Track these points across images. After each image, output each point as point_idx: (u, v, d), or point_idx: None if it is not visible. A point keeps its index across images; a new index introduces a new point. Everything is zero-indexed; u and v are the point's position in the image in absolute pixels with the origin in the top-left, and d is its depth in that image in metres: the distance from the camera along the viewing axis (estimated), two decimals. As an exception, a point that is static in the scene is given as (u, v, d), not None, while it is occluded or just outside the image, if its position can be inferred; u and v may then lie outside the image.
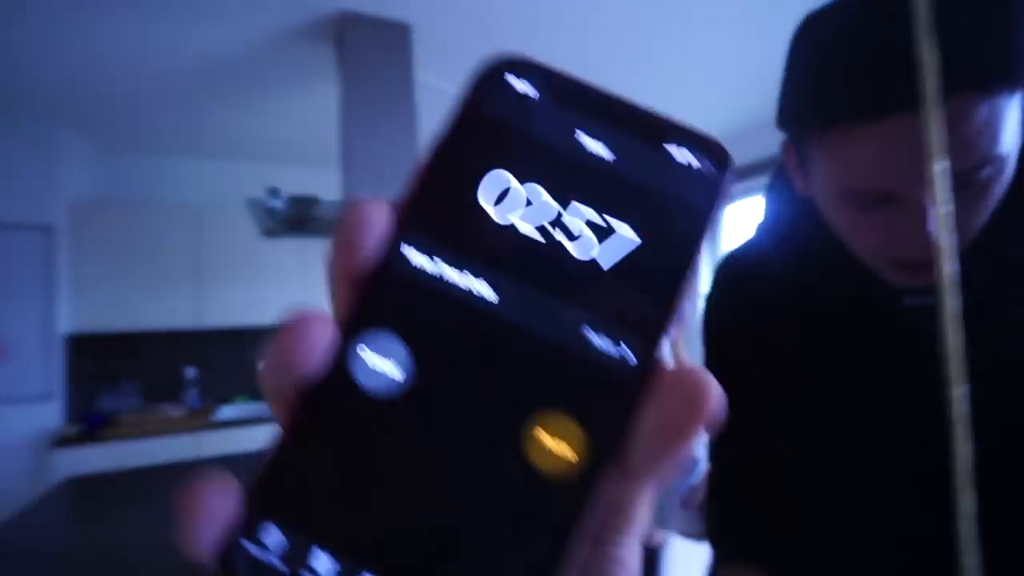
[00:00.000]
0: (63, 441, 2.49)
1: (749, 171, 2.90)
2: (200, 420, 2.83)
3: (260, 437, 2.83)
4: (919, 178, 0.31)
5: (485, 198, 0.11)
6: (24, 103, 2.48)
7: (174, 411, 2.99)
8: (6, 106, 2.50)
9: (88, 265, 2.78)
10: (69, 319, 2.74)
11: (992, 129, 0.32)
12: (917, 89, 0.29)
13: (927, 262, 0.34)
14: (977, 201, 0.36)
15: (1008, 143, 0.34)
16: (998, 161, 0.34)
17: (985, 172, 0.34)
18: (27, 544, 1.22)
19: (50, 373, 2.63)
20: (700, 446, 0.84)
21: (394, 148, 1.93)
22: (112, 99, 2.50)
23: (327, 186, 2.19)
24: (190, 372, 3.16)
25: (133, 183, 3.16)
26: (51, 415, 2.63)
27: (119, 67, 2.22)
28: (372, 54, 2.00)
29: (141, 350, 3.10)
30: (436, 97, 2.46)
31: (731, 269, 0.60)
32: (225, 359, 3.34)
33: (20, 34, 1.96)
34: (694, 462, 0.74)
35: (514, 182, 0.11)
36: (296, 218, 1.86)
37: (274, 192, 1.73)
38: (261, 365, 0.12)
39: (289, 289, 3.18)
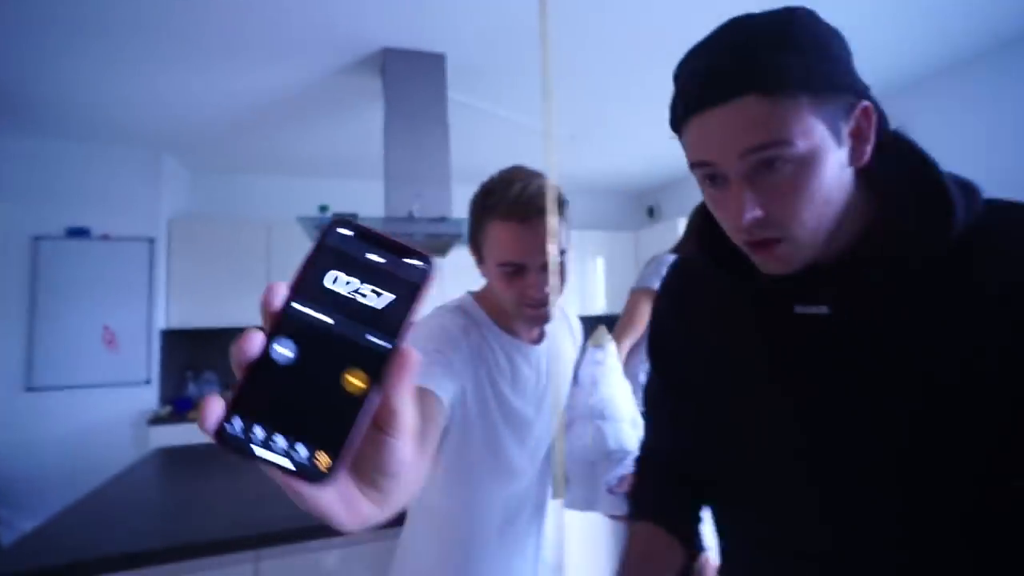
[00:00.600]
0: (156, 420, 2.93)
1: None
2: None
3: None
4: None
5: (327, 281, 0.25)
6: (135, 135, 2.98)
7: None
8: (122, 137, 3.00)
9: (182, 271, 3.24)
10: (165, 316, 3.21)
11: (774, 119, 0.40)
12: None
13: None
14: (786, 185, 0.42)
15: (801, 140, 0.41)
16: (789, 148, 0.41)
17: (778, 152, 0.41)
18: (123, 496, 1.52)
19: (150, 362, 3.10)
20: (632, 440, 0.92)
21: (430, 159, 2.15)
22: (201, 129, 2.94)
23: (375, 196, 2.45)
24: (262, 365, 3.57)
25: (218, 200, 3.65)
26: (149, 398, 3.10)
27: (208, 104, 2.63)
28: (411, 81, 2.23)
29: (222, 345, 3.55)
30: (465, 111, 2.68)
31: (672, 272, 0.67)
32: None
33: (131, 77, 2.39)
34: (624, 454, 0.85)
35: (341, 275, 0.24)
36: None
37: (323, 208, 1.99)
38: (232, 351, 0.23)
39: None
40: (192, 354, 3.48)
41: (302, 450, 0.22)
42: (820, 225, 0.44)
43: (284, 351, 0.23)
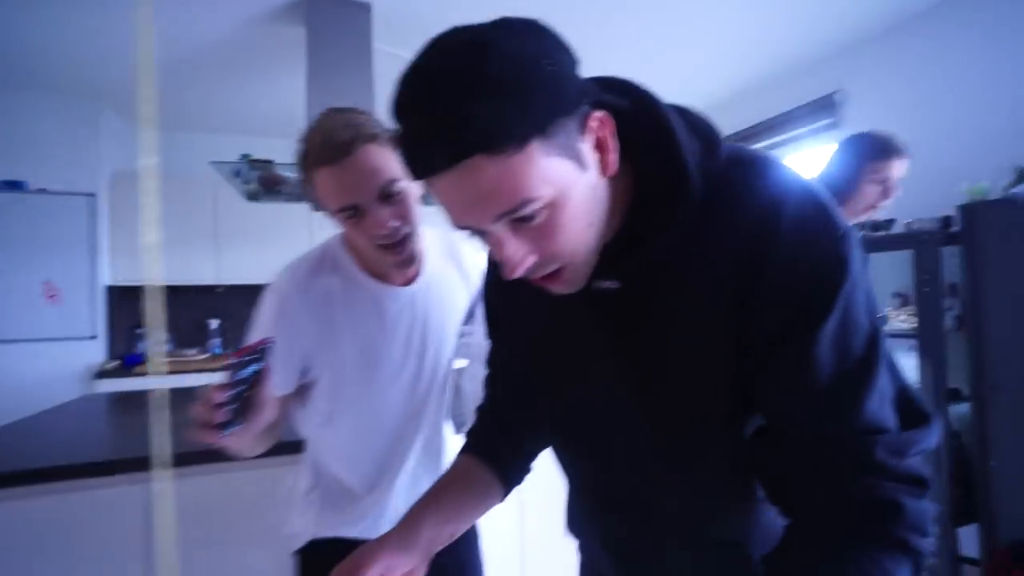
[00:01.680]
0: (103, 373, 2.97)
1: (734, 138, 2.87)
2: (219, 363, 3.24)
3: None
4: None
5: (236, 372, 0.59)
6: (73, 84, 2.90)
7: (198, 356, 3.44)
8: (59, 86, 2.92)
9: (126, 227, 3.22)
10: (110, 273, 3.21)
11: (512, 179, 0.38)
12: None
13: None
14: (546, 228, 0.41)
15: (544, 187, 0.39)
16: (536, 202, 0.39)
17: (528, 210, 0.39)
18: (41, 429, 1.58)
19: (95, 317, 3.11)
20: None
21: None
22: (132, 81, 2.87)
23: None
24: (213, 323, 3.60)
25: (163, 157, 3.58)
26: (96, 352, 3.12)
27: (133, 53, 2.56)
28: (336, 31, 2.19)
29: (172, 303, 3.56)
30: (392, 62, 2.63)
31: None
32: (244, 312, 3.75)
33: (62, 18, 2.32)
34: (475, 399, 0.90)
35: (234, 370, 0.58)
36: (266, 180, 2.12)
37: (244, 157, 1.99)
38: (200, 411, 0.59)
39: (293, 250, 3.52)
40: (142, 311, 3.49)
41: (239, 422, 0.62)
42: (590, 242, 0.45)
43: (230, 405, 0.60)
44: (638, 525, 0.60)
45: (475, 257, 1.01)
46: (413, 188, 0.79)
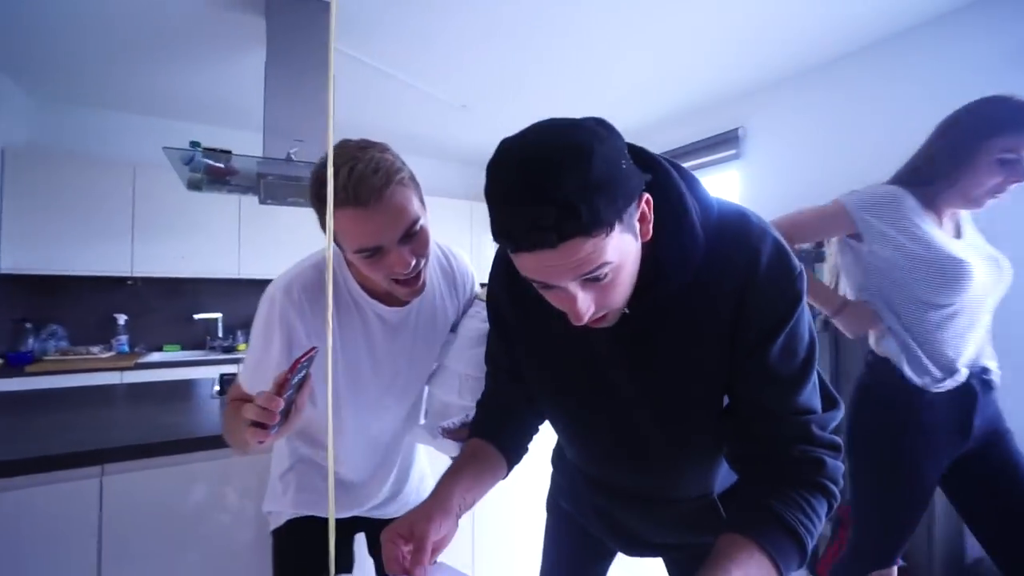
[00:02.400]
0: (-15, 372, 2.61)
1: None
2: (127, 362, 2.98)
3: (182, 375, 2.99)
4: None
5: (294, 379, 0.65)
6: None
7: (101, 353, 3.13)
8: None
9: (18, 209, 2.87)
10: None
11: (598, 252, 0.49)
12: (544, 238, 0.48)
13: None
14: (609, 286, 0.53)
15: (615, 255, 0.51)
16: (609, 265, 0.51)
17: (603, 272, 0.51)
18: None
19: (-24, 308, 2.73)
20: (465, 396, 0.91)
21: (312, 108, 2.14)
22: (50, 50, 2.60)
23: (252, 146, 2.36)
24: (121, 318, 3.29)
25: (70, 135, 3.24)
26: (-25, 348, 2.73)
27: (64, 16, 2.32)
28: (296, 25, 2.20)
29: (72, 295, 3.21)
30: (358, 67, 2.68)
31: (501, 262, 0.78)
32: (159, 309, 3.48)
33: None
34: (444, 406, 0.95)
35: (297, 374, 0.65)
36: (215, 171, 2.06)
37: (194, 144, 1.92)
38: (261, 409, 0.64)
39: (219, 244, 3.35)
40: (34, 302, 3.11)
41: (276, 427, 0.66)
42: (628, 294, 0.58)
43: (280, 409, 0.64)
44: (631, 491, 0.78)
45: (466, 268, 1.05)
46: (426, 217, 0.81)
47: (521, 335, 0.76)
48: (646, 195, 0.54)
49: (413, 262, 0.77)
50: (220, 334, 3.58)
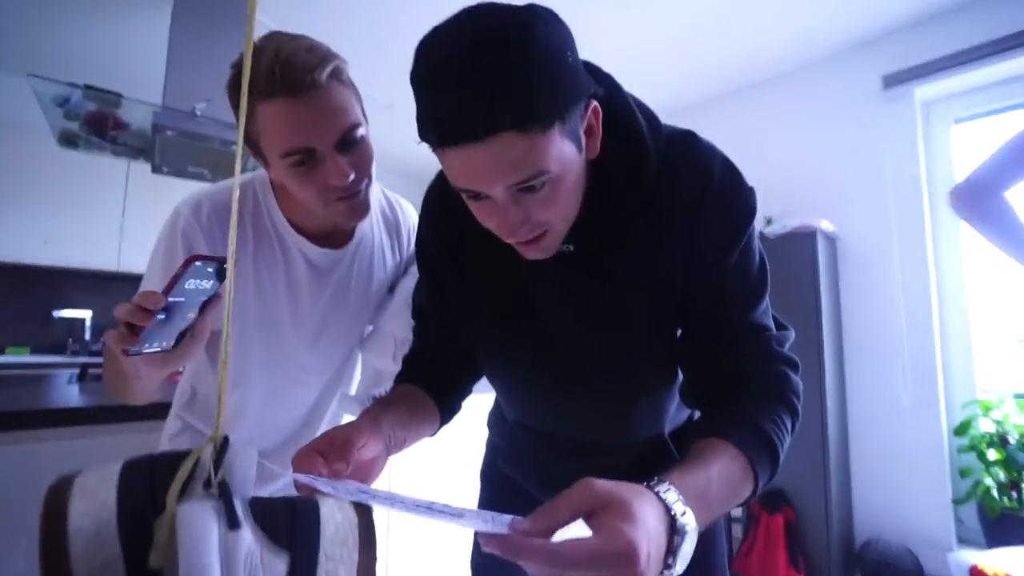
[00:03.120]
0: None
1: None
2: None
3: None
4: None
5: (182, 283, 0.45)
6: None
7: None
8: None
9: None
10: None
11: (533, 154, 0.43)
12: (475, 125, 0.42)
13: None
14: (545, 199, 0.48)
15: (554, 164, 0.45)
16: (546, 176, 0.46)
17: (538, 182, 0.46)
18: None
19: None
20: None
21: (221, 71, 1.96)
22: None
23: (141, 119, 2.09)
24: (-49, 311, 2.71)
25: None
26: None
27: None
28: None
29: None
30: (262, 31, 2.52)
31: (435, 189, 0.71)
32: (9, 303, 2.91)
33: None
34: (377, 374, 0.86)
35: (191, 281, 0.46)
36: (97, 120, 1.79)
37: (73, 85, 1.66)
38: (132, 310, 0.45)
39: (96, 226, 2.91)
40: None
41: (163, 343, 0.50)
42: (571, 213, 0.53)
43: (160, 316, 0.46)
44: (578, 440, 0.72)
45: (412, 220, 0.93)
46: (369, 134, 0.71)
47: (452, 276, 0.69)
48: (594, 104, 0.49)
49: (352, 175, 0.65)
50: (87, 336, 3.06)
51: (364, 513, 0.37)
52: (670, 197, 0.56)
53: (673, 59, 2.72)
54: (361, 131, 0.67)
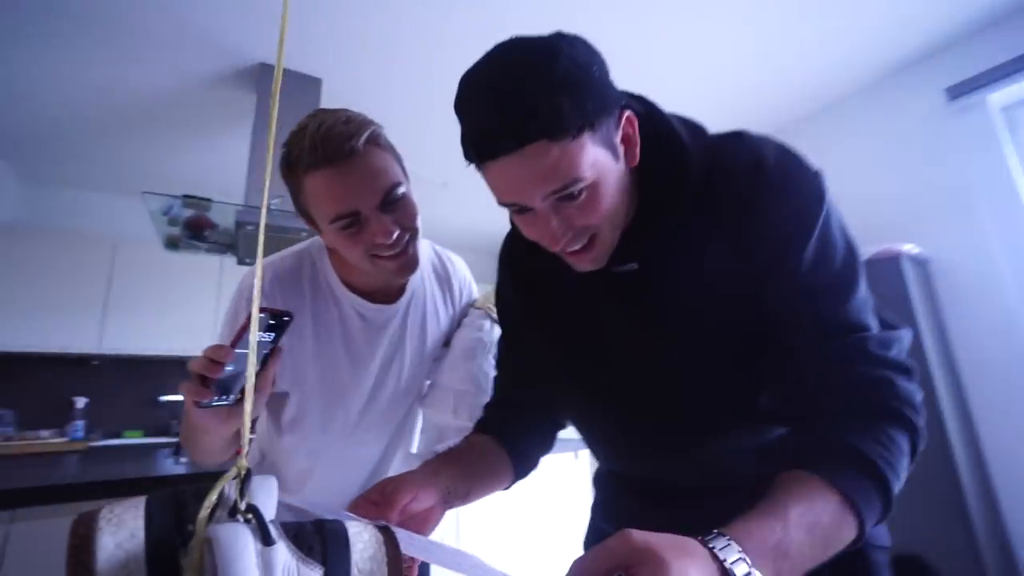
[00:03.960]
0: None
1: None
2: (79, 447, 2.73)
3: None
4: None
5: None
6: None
7: (52, 438, 2.87)
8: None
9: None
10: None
11: (567, 160, 0.45)
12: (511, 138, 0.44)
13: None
14: (585, 206, 0.49)
15: (589, 171, 0.46)
16: (582, 183, 0.47)
17: (575, 188, 0.47)
18: None
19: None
20: (462, 415, 0.81)
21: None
22: (42, 134, 2.74)
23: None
24: (80, 402, 3.07)
25: (56, 213, 3.29)
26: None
27: (48, 103, 2.48)
28: (286, 101, 2.35)
29: (28, 375, 3.02)
30: None
31: (507, 241, 0.72)
32: (122, 391, 3.28)
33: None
34: (439, 430, 0.85)
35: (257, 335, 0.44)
36: (194, 223, 2.06)
37: (174, 196, 1.94)
38: (202, 363, 0.51)
39: (195, 320, 3.26)
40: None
41: (231, 397, 0.53)
42: (615, 223, 0.53)
43: (228, 368, 0.51)
44: (673, 484, 0.65)
45: (463, 274, 0.95)
46: (411, 190, 0.74)
47: (527, 318, 0.69)
48: (628, 113, 0.51)
49: (397, 232, 0.68)
50: (186, 418, 3.34)
51: (387, 533, 0.37)
52: (722, 198, 0.52)
53: (726, 95, 2.71)
54: (402, 189, 0.70)
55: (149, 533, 0.32)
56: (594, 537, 0.78)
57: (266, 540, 0.32)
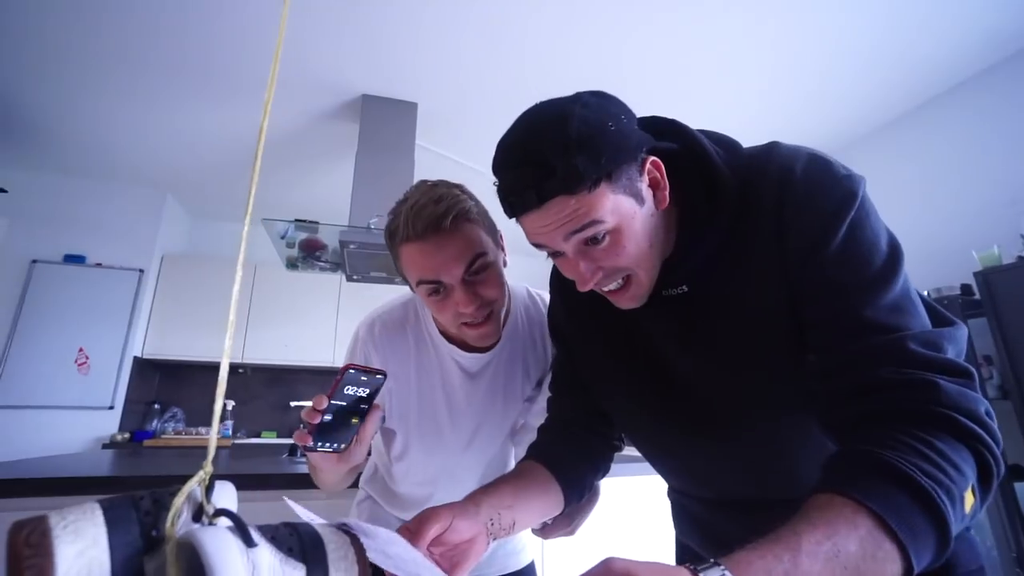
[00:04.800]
0: (110, 444, 2.90)
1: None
2: (225, 444, 3.15)
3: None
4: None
5: (343, 389, 0.57)
6: (138, 174, 3.31)
7: (207, 435, 3.36)
8: (124, 175, 3.33)
9: (166, 304, 3.40)
10: (141, 345, 3.30)
11: (584, 209, 0.48)
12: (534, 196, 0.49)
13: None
14: (610, 249, 0.52)
15: (610, 216, 0.49)
16: (602, 225, 0.49)
17: (595, 232, 0.50)
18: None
19: (117, 388, 3.13)
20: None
21: (393, 187, 2.34)
22: (199, 174, 3.27)
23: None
24: (229, 404, 3.56)
25: (212, 245, 3.90)
26: (109, 424, 3.08)
27: (204, 149, 2.96)
28: (384, 124, 2.53)
29: (195, 380, 3.58)
30: (436, 159, 2.97)
31: (555, 275, 0.75)
32: (261, 396, 3.74)
33: (142, 117, 2.73)
34: None
35: (349, 387, 0.57)
36: (308, 245, 2.29)
37: (287, 220, 2.18)
38: (308, 413, 0.58)
39: (317, 332, 3.61)
40: (162, 385, 3.50)
41: (335, 446, 0.60)
42: (652, 262, 0.55)
43: (328, 417, 0.57)
44: (740, 499, 0.64)
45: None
46: (500, 259, 0.77)
47: (579, 340, 0.72)
48: (652, 158, 0.52)
49: (477, 304, 0.72)
50: (312, 422, 3.70)
51: (351, 535, 0.37)
52: (756, 212, 0.53)
53: (811, 101, 2.38)
54: (486, 259, 0.73)
55: (112, 540, 0.31)
56: (680, 552, 0.79)
57: (248, 542, 0.31)
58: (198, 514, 0.34)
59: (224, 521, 0.34)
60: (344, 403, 0.58)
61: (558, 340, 0.77)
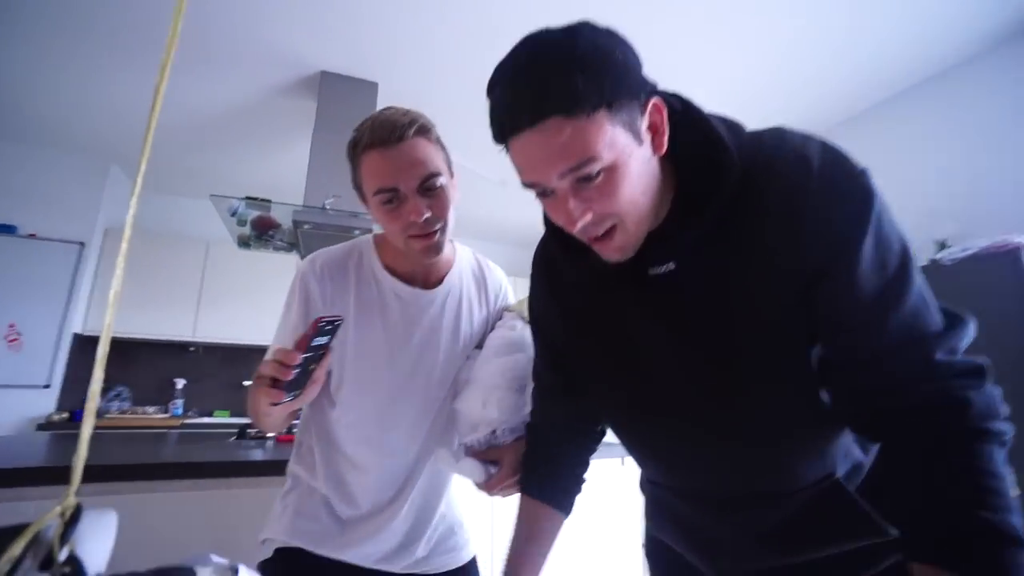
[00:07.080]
0: (46, 426, 2.78)
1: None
2: (175, 423, 3.07)
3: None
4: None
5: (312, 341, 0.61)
6: (78, 142, 3.11)
7: (157, 414, 3.26)
8: (63, 143, 3.13)
9: (109, 278, 3.24)
10: (83, 321, 3.15)
11: (582, 138, 0.44)
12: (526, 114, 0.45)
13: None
14: (604, 189, 0.48)
15: (607, 151, 0.45)
16: (598, 163, 0.46)
17: (591, 169, 0.46)
18: None
19: (55, 366, 2.99)
20: (491, 408, 0.81)
21: (342, 178, 2.31)
22: (139, 144, 3.10)
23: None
24: (180, 382, 3.46)
25: (163, 216, 3.73)
26: (46, 403, 2.95)
27: (144, 119, 2.81)
28: (344, 103, 2.47)
29: (140, 359, 3.45)
30: None
31: (539, 252, 0.72)
32: (214, 375, 3.64)
33: (85, 84, 2.57)
34: (470, 426, 0.84)
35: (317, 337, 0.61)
36: (260, 223, 2.23)
37: (236, 197, 2.11)
38: (274, 367, 0.61)
39: (274, 311, 3.53)
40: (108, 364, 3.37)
41: (296, 393, 0.64)
42: (641, 212, 0.51)
43: (297, 370, 0.60)
44: (724, 494, 0.62)
45: (499, 280, 0.99)
46: (451, 186, 0.80)
47: (562, 326, 0.69)
48: (655, 100, 0.49)
49: (428, 215, 0.76)
50: (267, 402, 3.64)
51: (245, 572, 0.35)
52: (766, 196, 0.50)
53: (795, 82, 2.47)
54: (440, 180, 0.77)
55: None
56: (650, 545, 0.79)
57: None
58: (48, 561, 0.31)
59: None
60: (311, 354, 0.62)
61: (538, 328, 0.75)
